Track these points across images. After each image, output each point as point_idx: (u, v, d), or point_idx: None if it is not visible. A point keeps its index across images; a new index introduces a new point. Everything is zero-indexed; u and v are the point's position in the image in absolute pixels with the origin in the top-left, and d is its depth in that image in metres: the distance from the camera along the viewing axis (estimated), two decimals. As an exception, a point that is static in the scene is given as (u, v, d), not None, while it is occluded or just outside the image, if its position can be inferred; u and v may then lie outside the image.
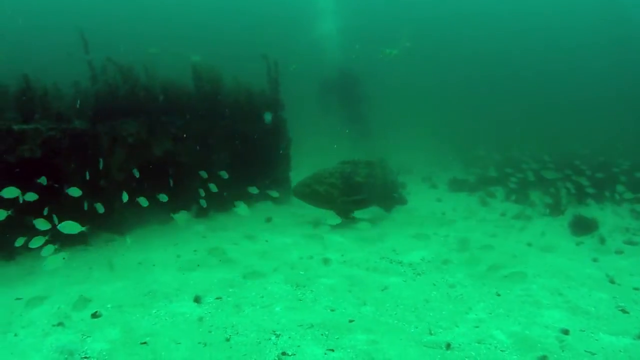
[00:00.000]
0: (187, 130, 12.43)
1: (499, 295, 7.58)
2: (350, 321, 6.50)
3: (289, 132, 15.41)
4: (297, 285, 7.73)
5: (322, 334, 6.10)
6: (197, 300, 7.12)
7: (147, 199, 9.66)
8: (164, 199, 9.93)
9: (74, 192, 8.73)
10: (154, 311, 6.81)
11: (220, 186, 10.99)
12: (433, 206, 15.22)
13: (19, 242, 7.92)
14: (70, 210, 8.87)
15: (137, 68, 12.15)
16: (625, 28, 49.30)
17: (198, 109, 13.04)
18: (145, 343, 5.86)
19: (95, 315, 6.63)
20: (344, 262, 9.09)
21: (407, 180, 19.25)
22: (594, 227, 11.90)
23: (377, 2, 50.08)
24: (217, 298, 7.24)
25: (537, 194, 16.29)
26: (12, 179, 8.45)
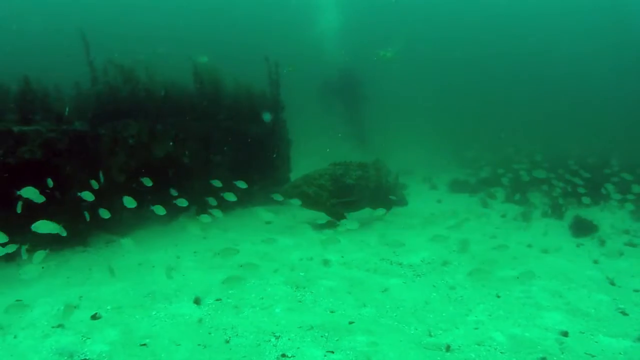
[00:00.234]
0: (187, 132, 12.43)
1: (498, 297, 7.57)
2: (350, 323, 6.50)
3: (288, 133, 15.43)
4: (297, 287, 7.73)
5: (321, 336, 6.10)
6: (196, 301, 7.12)
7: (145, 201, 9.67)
8: (183, 203, 9.91)
9: (87, 196, 8.68)
10: (153, 313, 6.81)
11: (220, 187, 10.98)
12: (433, 207, 15.20)
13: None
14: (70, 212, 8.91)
15: (138, 69, 12.17)
16: (625, 32, 49.30)
17: (198, 110, 13.04)
18: (144, 345, 5.86)
19: (94, 317, 6.64)
20: (344, 263, 9.09)
21: (407, 181, 19.25)
22: (594, 228, 11.90)
23: (373, 3, 49.99)
24: (216, 299, 7.24)
25: (538, 196, 16.31)
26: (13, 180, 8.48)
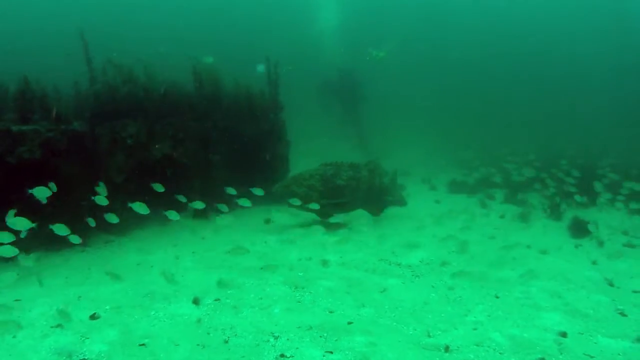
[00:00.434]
0: (186, 132, 12.43)
1: (497, 297, 7.57)
2: (349, 323, 6.50)
3: (287, 134, 15.39)
4: (296, 287, 7.72)
5: (320, 336, 6.10)
6: (195, 301, 7.12)
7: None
8: (199, 205, 9.86)
9: (100, 200, 8.67)
10: (152, 313, 6.81)
11: (219, 187, 10.97)
12: (432, 208, 15.19)
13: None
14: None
15: (137, 69, 12.16)
16: (625, 33, 49.27)
17: (197, 110, 13.04)
18: (143, 345, 5.86)
19: (93, 317, 6.64)
20: (343, 263, 9.08)
21: (406, 182, 19.23)
22: (593, 229, 11.90)
23: (370, 3, 49.81)
24: (215, 300, 7.23)
25: (537, 197, 16.31)
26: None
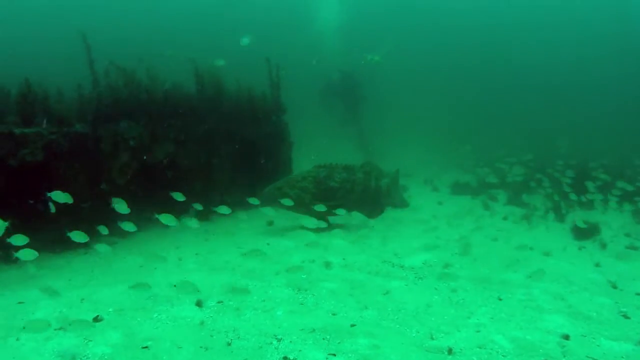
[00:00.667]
0: (188, 134, 12.44)
1: (500, 299, 7.57)
2: (352, 325, 6.50)
3: (290, 135, 15.41)
4: (299, 289, 7.71)
5: (323, 338, 6.10)
6: (198, 304, 7.12)
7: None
8: (179, 197, 9.77)
9: (120, 208, 8.64)
10: (155, 315, 6.81)
11: (221, 190, 10.98)
12: (435, 210, 15.19)
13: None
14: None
15: (140, 71, 12.17)
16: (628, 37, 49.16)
17: (199, 112, 13.04)
18: (146, 347, 5.86)
19: (96, 319, 6.64)
20: (345, 265, 9.08)
21: (409, 183, 19.25)
22: (596, 231, 11.91)
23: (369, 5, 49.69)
24: (218, 302, 7.24)
25: (540, 198, 16.29)
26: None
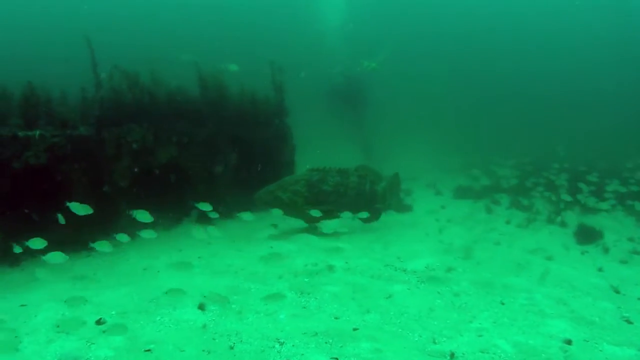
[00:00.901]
0: (191, 136, 12.45)
1: (503, 304, 7.56)
2: (355, 329, 6.49)
3: (293, 138, 15.40)
4: (302, 293, 7.71)
5: (326, 342, 6.09)
6: (201, 307, 7.12)
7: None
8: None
9: (142, 217, 8.61)
10: (158, 318, 6.81)
11: (224, 192, 11.00)
12: (438, 213, 15.17)
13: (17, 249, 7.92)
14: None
15: (143, 74, 12.20)
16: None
17: (202, 115, 13.06)
18: (149, 350, 5.87)
19: (99, 322, 6.64)
20: (348, 269, 9.07)
21: (412, 187, 19.24)
22: (599, 236, 11.90)
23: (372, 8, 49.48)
24: (221, 305, 7.24)
25: (543, 202, 16.28)
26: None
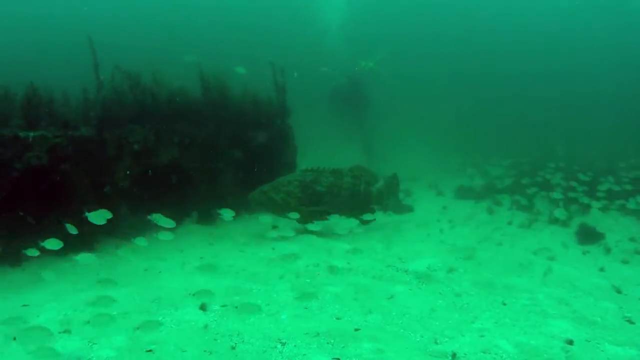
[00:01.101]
0: (192, 137, 12.46)
1: (504, 304, 7.56)
2: (356, 330, 6.49)
3: (294, 139, 15.36)
4: (303, 294, 7.72)
5: (327, 342, 6.09)
6: (202, 307, 7.12)
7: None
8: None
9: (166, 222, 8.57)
10: (159, 318, 6.81)
11: (226, 192, 11.01)
12: (439, 214, 15.15)
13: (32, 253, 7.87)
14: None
15: (145, 75, 12.21)
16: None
17: (204, 116, 13.06)
18: (151, 351, 5.87)
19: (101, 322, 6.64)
20: (350, 269, 9.07)
21: (413, 188, 19.21)
22: (600, 236, 11.90)
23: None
24: (222, 306, 7.24)
25: (544, 203, 16.26)
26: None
